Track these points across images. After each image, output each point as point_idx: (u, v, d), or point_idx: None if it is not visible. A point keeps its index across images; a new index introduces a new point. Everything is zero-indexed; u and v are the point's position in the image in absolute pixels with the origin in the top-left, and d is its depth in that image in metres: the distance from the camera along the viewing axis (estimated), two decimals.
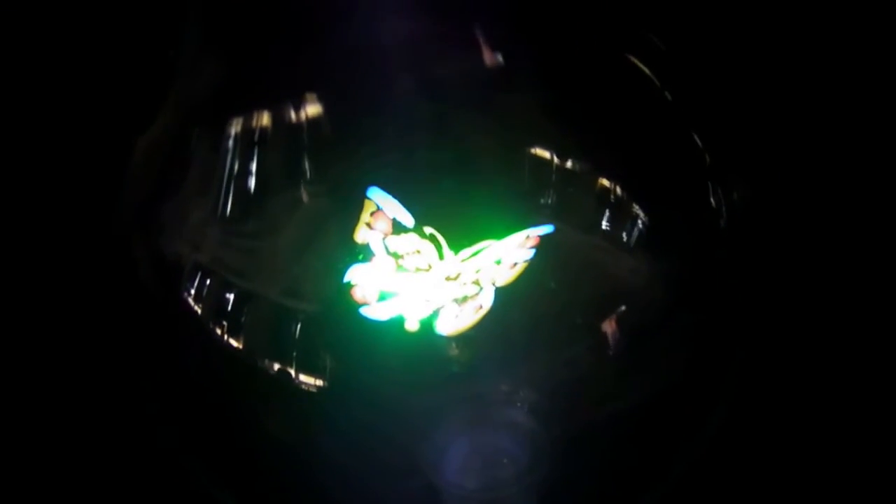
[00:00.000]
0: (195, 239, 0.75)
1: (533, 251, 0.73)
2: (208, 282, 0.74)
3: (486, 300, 0.75)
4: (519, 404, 0.76)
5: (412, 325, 0.74)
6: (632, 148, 0.74)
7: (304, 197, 0.75)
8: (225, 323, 0.74)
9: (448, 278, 0.74)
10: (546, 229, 0.73)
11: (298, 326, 0.74)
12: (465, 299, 0.75)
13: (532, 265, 0.75)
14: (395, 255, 0.73)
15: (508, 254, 0.74)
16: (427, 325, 0.74)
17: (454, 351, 0.76)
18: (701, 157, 0.77)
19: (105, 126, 0.93)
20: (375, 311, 0.73)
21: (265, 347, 0.75)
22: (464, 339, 0.76)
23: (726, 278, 0.77)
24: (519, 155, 0.75)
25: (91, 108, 0.96)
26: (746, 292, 0.78)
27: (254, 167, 0.74)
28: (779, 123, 0.89)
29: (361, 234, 0.72)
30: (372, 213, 0.72)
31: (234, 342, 0.74)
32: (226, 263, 0.75)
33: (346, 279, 0.72)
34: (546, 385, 0.75)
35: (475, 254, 0.74)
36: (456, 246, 0.74)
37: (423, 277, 0.73)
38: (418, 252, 0.73)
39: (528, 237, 0.73)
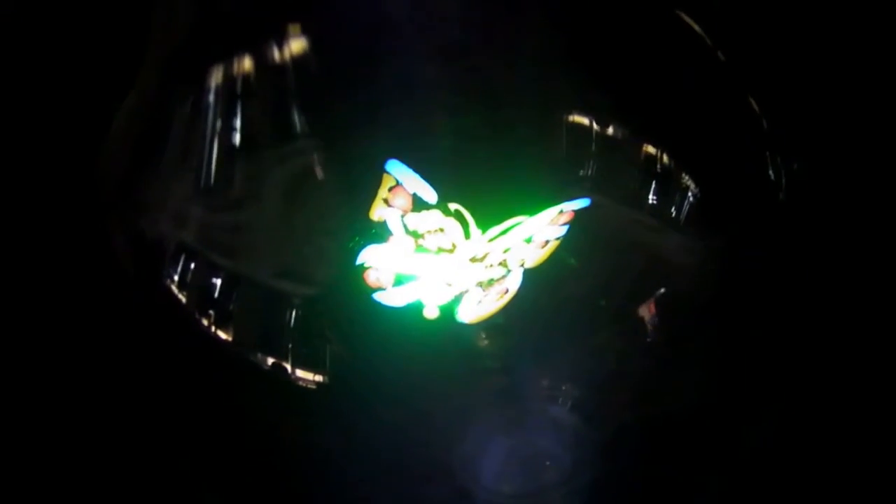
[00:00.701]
0: (179, 215, 0.66)
1: (566, 228, 0.66)
2: (194, 265, 0.65)
3: (513, 283, 0.68)
4: (560, 401, 0.68)
5: (431, 312, 0.66)
6: (681, 112, 0.66)
7: (310, 168, 0.67)
8: (213, 312, 0.65)
9: (473, 259, 0.66)
10: (581, 203, 0.65)
11: (300, 315, 0.66)
12: (490, 283, 0.67)
13: (565, 244, 0.67)
14: (415, 235, 0.65)
15: (539, 232, 0.66)
16: (447, 311, 0.66)
17: (483, 341, 0.68)
18: (757, 122, 0.69)
19: (83, 98, 0.85)
20: (391, 297, 0.65)
21: (260, 339, 0.67)
22: (493, 327, 0.67)
23: (783, 258, 0.69)
24: (554, 120, 0.68)
25: (68, 78, 0.87)
26: (805, 274, 0.70)
27: (246, 131, 0.65)
28: (844, 87, 0.81)
29: (378, 211, 0.64)
30: (390, 189, 0.64)
31: (223, 333, 0.65)
32: (215, 242, 0.66)
33: (358, 261, 0.64)
34: (588, 379, 0.67)
35: (504, 232, 0.66)
36: (483, 223, 0.66)
37: (445, 259, 0.65)
38: (441, 231, 0.66)
39: (561, 212, 0.66)
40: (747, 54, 0.68)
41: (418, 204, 0.65)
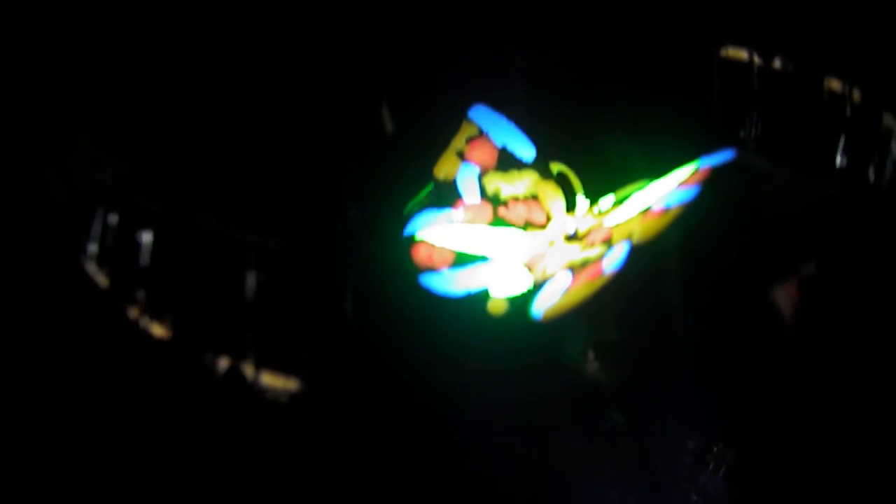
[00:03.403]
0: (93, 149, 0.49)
1: (694, 189, 0.46)
2: (117, 219, 0.47)
3: (612, 262, 0.48)
4: (711, 466, 0.47)
5: (499, 306, 0.46)
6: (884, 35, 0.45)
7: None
8: (142, 294, 0.47)
9: (570, 239, 0.47)
10: (723, 157, 0.45)
11: (273, 283, 0.48)
12: (584, 263, 0.47)
13: (696, 211, 0.47)
14: (496, 200, 0.46)
15: (661, 198, 0.46)
16: (520, 305, 0.46)
17: (591, 364, 0.48)
18: None
19: None
20: (446, 282, 0.46)
21: (210, 331, 0.48)
22: (602, 343, 0.48)
23: None
24: (699, 54, 0.48)
25: None
26: None
27: None
28: None
29: (446, 167, 0.46)
30: (469, 140, 0.46)
31: (157, 327, 0.47)
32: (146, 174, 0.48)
33: (407, 231, 0.46)
34: (745, 432, 0.45)
35: (619, 202, 0.46)
36: (593, 191, 0.47)
37: (533, 236, 0.46)
38: (534, 198, 0.47)
39: (696, 171, 0.45)
40: None
41: (506, 161, 0.46)
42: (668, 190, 0.46)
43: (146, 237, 0.44)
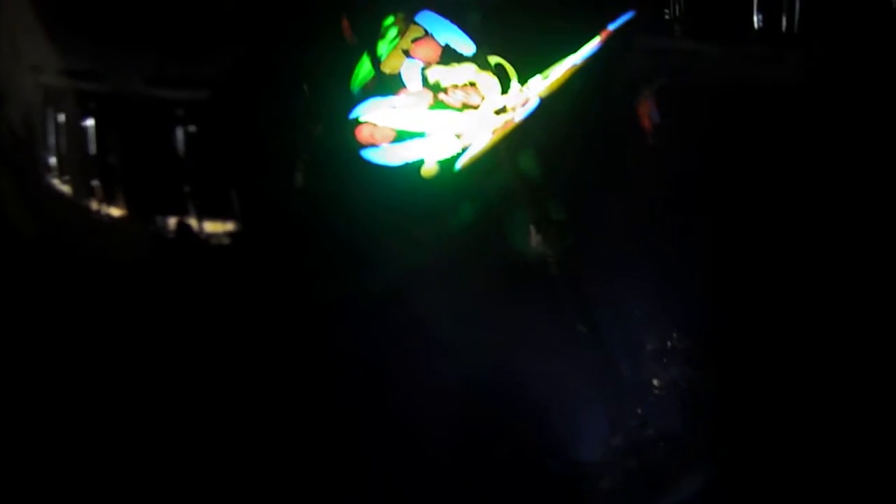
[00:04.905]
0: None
1: (593, 49, 0.49)
2: (65, 116, 0.50)
3: (523, 113, 0.51)
4: (665, 359, 0.49)
5: (430, 170, 0.50)
6: None
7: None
8: (98, 184, 0.50)
9: (498, 111, 0.50)
10: (625, 18, 0.48)
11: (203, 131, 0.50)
12: (504, 124, 0.51)
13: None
14: (436, 88, 0.50)
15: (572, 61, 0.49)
16: (448, 166, 0.50)
17: (534, 239, 0.51)
18: None
19: None
20: (385, 154, 0.50)
21: (162, 201, 0.51)
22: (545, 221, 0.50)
23: None
24: None
25: None
26: None
27: None
28: None
29: (392, 63, 0.50)
30: (414, 40, 0.50)
31: (115, 208, 0.50)
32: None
33: (352, 114, 0.50)
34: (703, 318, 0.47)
35: (545, 77, 0.50)
36: (525, 76, 0.50)
37: (468, 115, 0.50)
38: (472, 85, 0.50)
39: (602, 34, 0.48)
40: None
41: (448, 56, 0.50)
42: (580, 55, 0.49)
43: (89, 124, 0.47)
